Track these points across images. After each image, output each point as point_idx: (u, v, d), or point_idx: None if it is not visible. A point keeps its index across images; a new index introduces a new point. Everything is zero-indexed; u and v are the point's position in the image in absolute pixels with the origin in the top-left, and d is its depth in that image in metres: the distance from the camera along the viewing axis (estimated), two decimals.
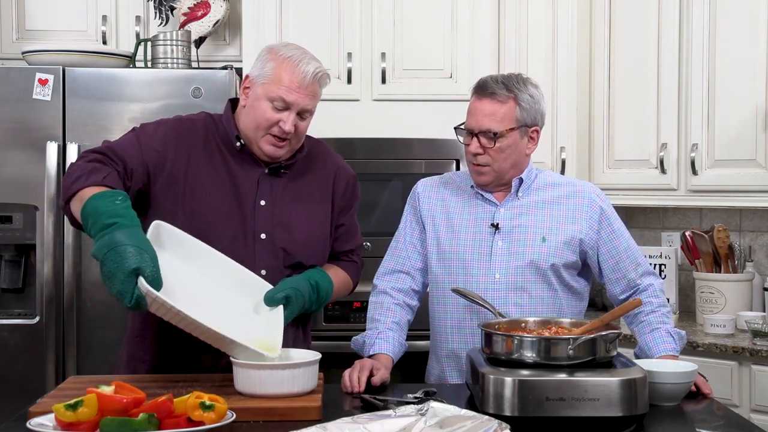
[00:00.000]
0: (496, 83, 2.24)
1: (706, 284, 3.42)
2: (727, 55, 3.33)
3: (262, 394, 1.82)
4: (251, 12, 3.42)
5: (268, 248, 2.15)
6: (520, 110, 2.23)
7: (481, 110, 2.23)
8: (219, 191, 2.14)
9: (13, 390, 3.08)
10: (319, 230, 2.24)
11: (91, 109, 3.17)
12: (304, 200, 2.22)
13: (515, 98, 2.22)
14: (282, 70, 2.10)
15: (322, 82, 2.16)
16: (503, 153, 2.23)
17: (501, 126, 2.21)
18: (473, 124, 2.24)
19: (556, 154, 3.70)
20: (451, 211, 2.33)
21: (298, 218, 2.20)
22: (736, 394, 3.02)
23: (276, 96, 2.09)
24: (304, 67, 2.10)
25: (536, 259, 2.24)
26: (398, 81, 3.43)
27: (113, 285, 1.78)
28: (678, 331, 2.24)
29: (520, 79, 2.27)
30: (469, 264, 2.27)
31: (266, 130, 2.12)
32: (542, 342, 1.81)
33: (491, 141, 2.21)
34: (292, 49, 2.15)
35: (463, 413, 1.57)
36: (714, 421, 1.86)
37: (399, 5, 3.43)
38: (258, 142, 2.14)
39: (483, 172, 2.26)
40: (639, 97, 3.57)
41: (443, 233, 2.32)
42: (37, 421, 1.61)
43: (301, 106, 2.11)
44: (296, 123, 2.12)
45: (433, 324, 2.36)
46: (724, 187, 3.35)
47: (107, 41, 3.60)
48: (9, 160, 3.15)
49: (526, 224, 2.26)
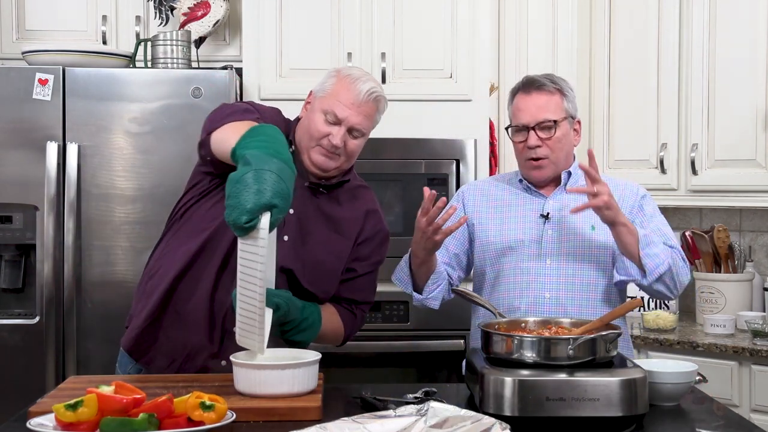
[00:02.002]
0: (541, 78, 2.33)
1: (706, 284, 3.42)
2: (727, 55, 3.33)
3: (262, 394, 1.82)
4: (251, 12, 3.42)
5: (288, 250, 2.13)
6: (567, 101, 2.32)
7: (534, 103, 2.29)
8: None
9: (13, 390, 3.08)
10: (331, 260, 2.20)
11: (91, 109, 3.17)
12: (331, 229, 2.21)
13: (561, 90, 2.32)
14: (340, 87, 2.15)
15: (378, 104, 2.18)
16: (560, 143, 2.30)
17: (557, 115, 2.29)
18: (528, 118, 2.29)
19: None
20: (499, 205, 2.38)
21: (319, 241, 2.18)
22: (736, 394, 3.02)
23: (329, 109, 2.12)
24: (360, 85, 2.14)
25: (587, 246, 2.28)
26: (398, 81, 3.43)
27: (243, 197, 1.69)
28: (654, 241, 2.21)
29: (557, 76, 2.38)
30: (519, 252, 2.30)
31: (317, 141, 2.13)
32: (542, 342, 1.81)
33: (549, 131, 2.28)
34: (355, 70, 2.21)
35: (463, 413, 1.57)
36: (714, 421, 1.86)
37: (399, 5, 3.43)
38: (309, 152, 2.15)
39: (542, 166, 2.31)
40: (639, 97, 3.57)
41: (492, 227, 2.35)
42: (37, 421, 1.61)
43: (352, 124, 2.13)
44: (346, 140, 2.13)
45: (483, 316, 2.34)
46: (724, 187, 3.35)
47: (107, 41, 3.60)
48: (9, 160, 3.14)
49: (575, 215, 2.27)
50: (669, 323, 3.29)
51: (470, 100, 3.41)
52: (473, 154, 3.35)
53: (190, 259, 2.13)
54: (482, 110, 3.43)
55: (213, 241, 2.12)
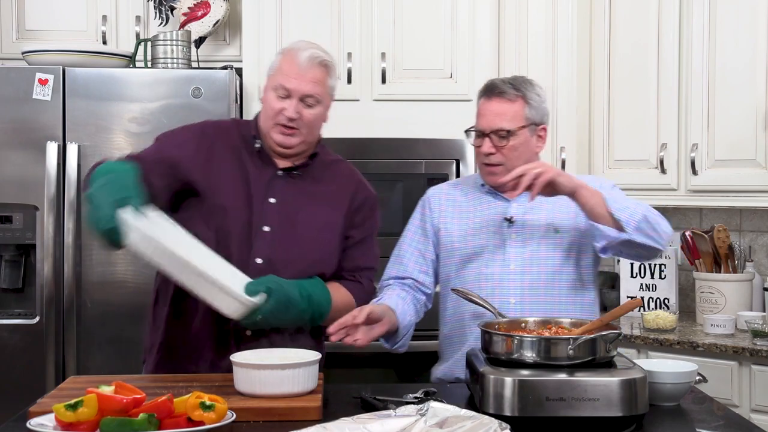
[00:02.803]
0: (504, 84, 2.30)
1: (706, 284, 3.42)
2: (727, 55, 3.33)
3: (262, 394, 1.82)
4: (251, 12, 3.42)
5: (269, 241, 2.16)
6: (529, 108, 2.28)
7: (492, 110, 2.27)
8: (231, 189, 2.18)
9: (13, 390, 3.08)
10: (326, 235, 2.23)
11: (91, 109, 3.17)
12: (318, 203, 2.23)
13: (524, 97, 2.28)
14: (283, 61, 2.19)
15: (327, 68, 2.19)
16: (516, 151, 2.27)
17: (512, 124, 2.26)
18: (484, 124, 2.28)
19: (556, 154, 3.69)
20: (463, 211, 2.36)
21: (307, 217, 2.21)
22: (736, 394, 3.02)
23: (278, 84, 2.17)
24: (301, 53, 2.17)
25: (551, 249, 2.27)
26: (398, 81, 3.43)
27: (96, 210, 1.88)
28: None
29: (525, 80, 2.34)
30: (483, 258, 2.29)
31: (274, 119, 2.17)
32: (542, 342, 1.81)
33: (504, 140, 2.26)
34: (299, 43, 2.24)
35: (463, 413, 1.57)
36: (714, 421, 1.86)
37: (399, 5, 3.43)
38: (270, 134, 2.19)
39: (496, 172, 2.29)
40: (639, 97, 3.57)
41: (456, 232, 2.34)
42: (37, 421, 1.61)
43: (302, 92, 2.15)
44: (301, 111, 2.16)
45: (446, 324, 2.37)
46: (724, 187, 3.35)
47: (107, 41, 3.60)
48: (9, 160, 3.15)
49: (539, 218, 2.28)
50: (669, 323, 3.29)
51: (470, 100, 3.38)
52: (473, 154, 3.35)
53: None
54: None
55: None
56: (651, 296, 3.64)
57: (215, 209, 2.16)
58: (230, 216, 2.16)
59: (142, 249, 1.87)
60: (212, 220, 2.15)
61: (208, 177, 2.18)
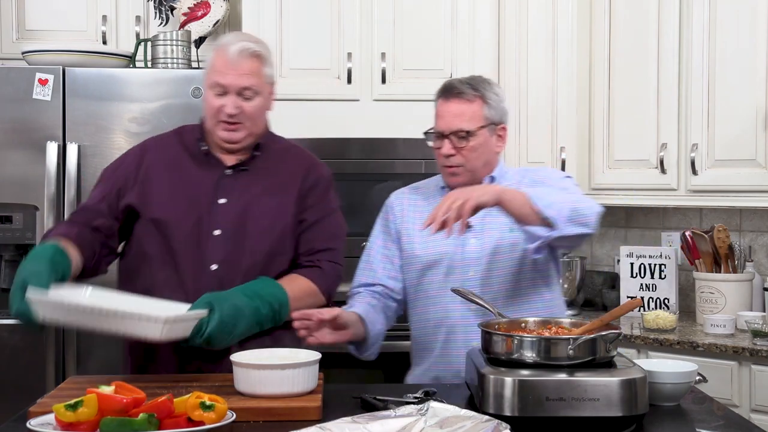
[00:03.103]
0: (462, 84, 2.27)
1: (706, 284, 3.42)
2: (727, 55, 3.33)
3: (262, 394, 1.82)
4: (251, 12, 3.42)
5: (221, 244, 2.17)
6: (488, 108, 2.26)
7: (451, 111, 2.26)
8: (168, 201, 2.20)
9: (13, 390, 3.08)
10: (278, 224, 2.21)
11: (91, 109, 3.17)
12: (270, 194, 2.23)
13: (482, 97, 2.26)
14: (216, 58, 2.20)
15: (260, 58, 2.20)
16: (475, 152, 2.25)
17: (471, 124, 2.24)
18: (443, 125, 2.27)
19: (556, 154, 3.69)
20: (424, 215, 2.26)
21: (260, 211, 2.20)
22: (736, 394, 3.02)
23: (214, 82, 2.17)
24: (231, 47, 2.17)
25: (508, 251, 2.24)
26: (398, 81, 3.43)
27: (10, 296, 1.94)
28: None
29: (483, 79, 2.32)
30: (444, 265, 2.27)
31: (215, 117, 2.18)
32: (542, 342, 1.81)
33: (463, 141, 2.24)
34: (229, 37, 2.24)
35: (463, 413, 1.57)
36: (714, 421, 1.86)
37: (399, 5, 3.43)
38: (214, 132, 2.21)
39: (457, 173, 2.27)
40: (639, 97, 3.57)
41: (417, 238, 2.30)
42: (37, 421, 1.61)
43: (238, 86, 2.16)
44: (241, 105, 2.17)
45: (413, 330, 2.36)
46: (724, 187, 3.35)
47: (107, 41, 3.60)
48: (9, 160, 3.15)
49: (498, 220, 2.24)
50: (669, 323, 3.29)
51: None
52: None
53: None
54: None
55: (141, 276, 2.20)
56: (651, 296, 3.64)
57: (156, 224, 2.18)
58: (172, 228, 2.17)
59: (55, 317, 1.90)
60: (156, 235, 2.18)
61: (143, 195, 2.20)
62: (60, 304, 1.89)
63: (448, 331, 2.27)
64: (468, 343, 2.15)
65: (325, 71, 3.41)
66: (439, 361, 2.29)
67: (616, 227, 4.03)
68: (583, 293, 3.90)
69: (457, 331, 2.26)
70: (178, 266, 2.16)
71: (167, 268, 2.16)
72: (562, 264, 2.68)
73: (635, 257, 3.68)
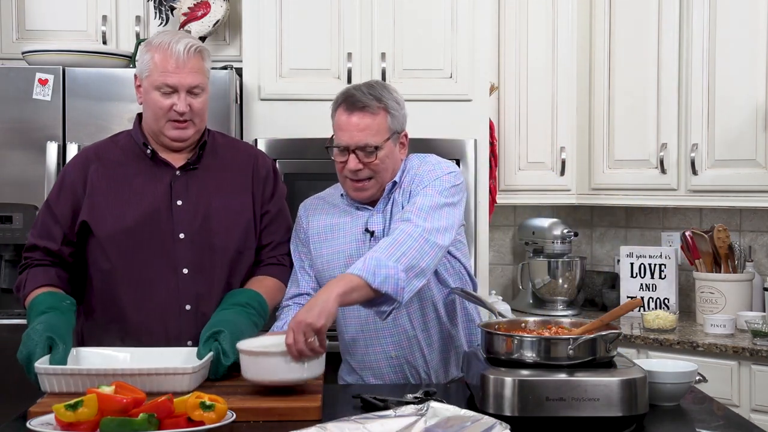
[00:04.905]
0: (365, 95, 2.16)
1: (706, 284, 3.42)
2: (727, 55, 3.33)
3: (272, 381, 1.83)
4: (251, 12, 3.42)
5: (188, 246, 2.18)
6: (392, 119, 2.18)
7: (355, 125, 2.14)
8: (126, 208, 2.19)
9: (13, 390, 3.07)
10: (242, 219, 2.24)
11: (91, 109, 3.17)
12: (226, 191, 2.25)
13: (386, 108, 2.17)
14: (159, 58, 2.18)
15: (202, 55, 2.21)
16: (384, 164, 2.18)
17: (378, 139, 2.15)
18: (348, 139, 2.15)
19: (556, 154, 3.70)
20: (329, 225, 2.27)
21: (219, 210, 2.22)
22: (736, 394, 3.03)
23: (160, 83, 2.17)
24: (175, 47, 2.17)
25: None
26: (398, 81, 3.43)
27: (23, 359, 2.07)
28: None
29: (383, 86, 2.23)
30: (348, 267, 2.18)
31: (165, 117, 2.19)
32: (542, 342, 1.81)
33: (371, 155, 2.15)
34: (163, 35, 2.23)
35: (463, 413, 1.57)
36: (714, 421, 1.86)
37: (399, 5, 3.43)
38: (163, 131, 2.21)
39: (366, 188, 2.19)
40: (639, 97, 3.57)
41: (324, 247, 2.26)
42: (37, 421, 1.61)
43: (187, 85, 2.17)
44: (190, 102, 2.18)
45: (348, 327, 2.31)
46: (724, 187, 3.35)
47: (107, 41, 3.60)
48: (9, 160, 3.14)
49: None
50: (669, 323, 3.29)
51: (470, 100, 3.41)
52: (473, 154, 3.35)
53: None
54: (482, 110, 3.43)
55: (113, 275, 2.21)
56: (651, 296, 3.64)
57: (112, 240, 2.18)
58: (133, 239, 2.17)
59: (62, 388, 1.89)
60: (114, 251, 2.17)
61: (94, 210, 2.19)
62: (67, 371, 1.90)
63: (362, 329, 2.26)
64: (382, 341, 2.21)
65: (325, 71, 3.41)
66: (362, 360, 2.29)
67: (616, 227, 4.03)
68: (583, 293, 3.90)
69: (369, 329, 2.25)
70: (145, 278, 2.16)
71: (133, 283, 2.17)
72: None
73: (635, 257, 3.68)
